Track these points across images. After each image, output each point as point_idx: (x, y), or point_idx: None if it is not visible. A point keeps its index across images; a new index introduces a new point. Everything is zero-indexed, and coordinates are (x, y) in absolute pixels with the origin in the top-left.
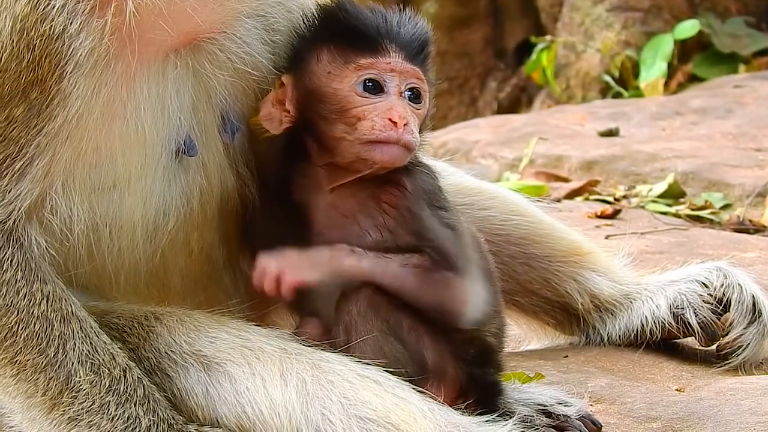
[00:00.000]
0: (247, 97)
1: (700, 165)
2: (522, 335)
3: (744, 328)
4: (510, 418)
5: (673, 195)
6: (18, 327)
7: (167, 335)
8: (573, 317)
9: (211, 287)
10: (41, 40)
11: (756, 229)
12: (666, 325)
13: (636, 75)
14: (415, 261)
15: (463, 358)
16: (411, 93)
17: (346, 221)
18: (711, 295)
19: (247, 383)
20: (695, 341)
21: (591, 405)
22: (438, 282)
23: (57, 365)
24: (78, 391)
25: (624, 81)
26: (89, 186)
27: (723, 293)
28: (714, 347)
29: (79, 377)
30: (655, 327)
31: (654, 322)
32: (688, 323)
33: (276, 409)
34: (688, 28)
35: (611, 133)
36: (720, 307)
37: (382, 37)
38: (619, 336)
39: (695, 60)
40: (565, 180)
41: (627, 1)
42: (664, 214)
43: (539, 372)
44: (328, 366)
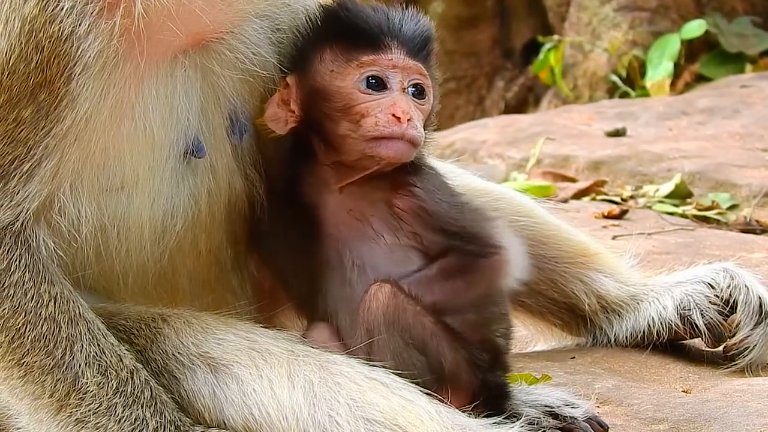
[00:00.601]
0: (255, 98)
1: (706, 165)
2: (529, 336)
3: (751, 329)
4: (517, 419)
5: (680, 195)
6: (26, 328)
7: (174, 337)
8: (580, 318)
9: (219, 289)
10: (50, 41)
11: (763, 230)
12: (673, 326)
13: (643, 75)
14: (452, 264)
15: (478, 364)
16: (414, 89)
17: (358, 224)
18: (718, 297)
19: (255, 385)
20: (702, 342)
21: (598, 406)
22: (483, 271)
23: (64, 367)
24: (85, 393)
25: (631, 81)
26: (97, 187)
27: (730, 294)
28: (721, 348)
29: (87, 379)
30: (662, 328)
31: (661, 323)
32: (694, 324)
33: (283, 411)
34: (695, 27)
35: (618, 133)
36: (727, 309)
37: (383, 34)
38: (626, 337)
39: (702, 60)
40: (572, 180)
41: (634, 1)
42: (671, 214)
43: (546, 373)
44: (335, 368)
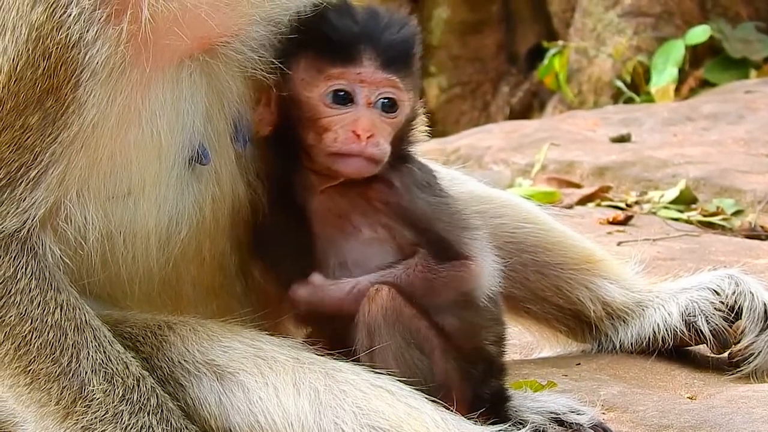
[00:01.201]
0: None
1: (711, 171)
2: (534, 343)
3: (756, 335)
4: (522, 426)
5: (685, 201)
6: (32, 336)
7: (180, 344)
8: (585, 325)
9: (224, 296)
10: (57, 48)
11: None
12: (678, 333)
13: (647, 80)
14: (420, 263)
15: (470, 375)
16: (385, 101)
17: (339, 221)
18: (723, 303)
19: (260, 393)
20: (707, 349)
21: (603, 413)
22: (447, 274)
23: (70, 374)
24: (91, 401)
25: (636, 86)
26: (104, 194)
27: (735, 301)
28: (726, 355)
29: (93, 386)
30: (667, 334)
31: (666, 329)
32: (700, 331)
33: (289, 419)
34: (699, 33)
35: (623, 139)
36: (732, 315)
37: (355, 46)
38: (631, 343)
39: (706, 65)
40: (577, 186)
41: (639, 7)
42: (675, 220)
43: (551, 380)
44: (340, 375)
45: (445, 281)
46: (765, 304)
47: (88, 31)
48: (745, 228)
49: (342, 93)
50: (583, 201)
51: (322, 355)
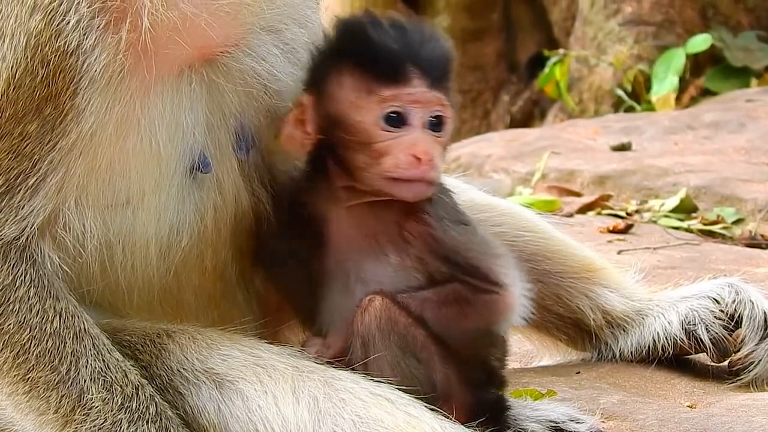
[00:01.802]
0: (261, 113)
1: (712, 179)
2: (534, 351)
3: (756, 344)
4: None
5: (686, 210)
6: (30, 344)
7: (179, 353)
8: (585, 333)
9: (225, 305)
10: (56, 55)
11: None
12: (678, 341)
13: (648, 89)
14: (453, 291)
15: (471, 382)
16: (433, 120)
17: (364, 239)
18: (723, 312)
19: (259, 401)
20: (707, 357)
21: (603, 422)
22: (482, 304)
23: (69, 382)
24: (90, 409)
25: (636, 95)
26: (102, 202)
27: (735, 309)
28: (726, 363)
29: (92, 394)
30: (667, 343)
31: (666, 338)
32: (699, 339)
33: (288, 427)
34: (700, 42)
35: (623, 148)
36: (732, 324)
37: (404, 64)
38: (631, 352)
39: (707, 74)
40: (578, 194)
41: (639, 16)
42: (676, 229)
43: (551, 389)
44: (340, 384)
45: (479, 311)
46: (765, 312)
47: (86, 39)
48: (746, 237)
49: (396, 114)
50: (584, 209)
51: (321, 364)
